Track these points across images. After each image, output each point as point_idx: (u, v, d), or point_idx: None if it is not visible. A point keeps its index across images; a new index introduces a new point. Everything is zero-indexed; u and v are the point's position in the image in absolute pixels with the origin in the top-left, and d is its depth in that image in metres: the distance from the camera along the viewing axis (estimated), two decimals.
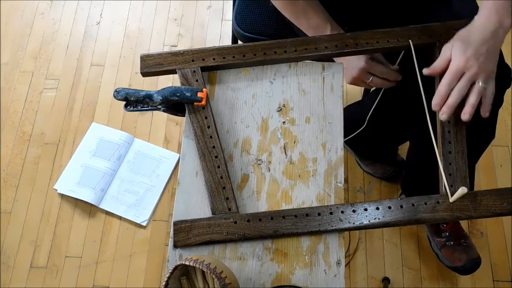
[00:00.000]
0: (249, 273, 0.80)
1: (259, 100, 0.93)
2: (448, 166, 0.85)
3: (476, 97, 0.84)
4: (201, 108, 0.90)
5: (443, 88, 0.85)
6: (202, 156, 0.86)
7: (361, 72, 1.03)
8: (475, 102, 0.83)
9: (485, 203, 0.82)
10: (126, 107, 0.92)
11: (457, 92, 0.84)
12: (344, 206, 0.83)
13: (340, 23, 1.02)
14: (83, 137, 1.80)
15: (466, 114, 0.83)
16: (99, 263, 1.61)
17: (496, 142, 1.62)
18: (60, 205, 1.70)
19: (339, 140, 0.89)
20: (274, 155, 0.89)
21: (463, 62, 0.84)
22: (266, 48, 0.95)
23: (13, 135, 1.83)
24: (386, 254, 1.57)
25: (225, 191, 0.84)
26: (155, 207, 1.68)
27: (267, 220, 0.82)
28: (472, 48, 0.84)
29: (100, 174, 1.71)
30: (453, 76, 0.84)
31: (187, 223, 0.82)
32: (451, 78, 0.84)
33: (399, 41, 0.95)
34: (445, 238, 1.44)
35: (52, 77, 1.94)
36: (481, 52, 0.84)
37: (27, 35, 2.04)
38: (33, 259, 1.63)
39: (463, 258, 1.41)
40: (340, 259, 0.80)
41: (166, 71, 0.96)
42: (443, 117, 0.84)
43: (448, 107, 0.84)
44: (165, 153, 1.77)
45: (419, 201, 0.83)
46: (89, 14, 2.08)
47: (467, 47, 0.85)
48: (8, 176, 1.76)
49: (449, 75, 0.85)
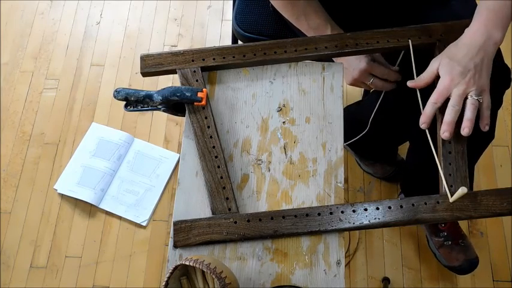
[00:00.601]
0: (249, 273, 0.80)
1: (259, 100, 0.93)
2: (448, 166, 0.85)
3: (471, 111, 0.83)
4: (201, 108, 0.90)
5: (428, 107, 0.85)
6: (202, 156, 0.86)
7: (361, 73, 1.03)
8: (471, 116, 0.83)
9: (485, 203, 0.82)
10: (126, 107, 0.92)
11: (450, 109, 0.83)
12: (344, 206, 0.83)
13: (340, 23, 1.02)
14: (83, 137, 1.80)
15: (465, 129, 0.83)
16: (99, 263, 1.61)
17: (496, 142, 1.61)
18: (60, 205, 1.70)
19: (339, 140, 0.89)
20: (274, 155, 0.89)
21: (449, 81, 0.84)
22: (266, 48, 0.95)
23: (13, 135, 1.84)
24: (386, 254, 1.57)
25: (225, 191, 0.84)
26: (155, 207, 1.68)
27: (267, 220, 0.82)
28: (458, 66, 0.84)
29: (100, 174, 1.71)
30: (439, 96, 0.85)
31: (187, 223, 0.82)
32: (437, 97, 0.85)
33: (399, 41, 0.95)
34: (443, 238, 1.44)
35: (52, 77, 1.94)
36: (469, 68, 0.84)
37: (27, 35, 2.04)
38: (33, 259, 1.63)
39: (460, 258, 1.41)
40: (340, 259, 0.80)
41: (166, 71, 0.96)
42: (445, 135, 0.84)
43: (447, 124, 0.83)
44: (165, 153, 1.77)
45: (419, 201, 0.83)
46: (89, 14, 2.08)
47: (453, 65, 0.85)
48: (8, 176, 1.76)
49: (435, 95, 0.85)
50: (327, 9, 1.03)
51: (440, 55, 0.88)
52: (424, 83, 0.89)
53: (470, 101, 0.83)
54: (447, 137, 0.84)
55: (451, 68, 0.85)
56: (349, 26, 1.00)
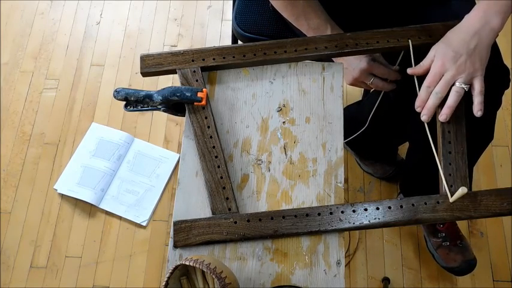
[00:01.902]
0: (249, 273, 0.80)
1: (259, 100, 0.93)
2: (448, 166, 0.85)
3: (453, 98, 0.85)
4: (201, 108, 0.90)
5: (422, 91, 0.87)
6: (202, 156, 0.86)
7: (362, 73, 1.03)
8: (452, 103, 0.85)
9: (485, 203, 0.82)
10: (126, 107, 0.92)
11: (433, 95, 0.86)
12: (344, 206, 0.83)
13: (340, 23, 1.02)
14: (83, 137, 1.80)
15: (442, 115, 0.86)
16: (99, 263, 1.61)
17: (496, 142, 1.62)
18: (60, 205, 1.70)
19: (339, 140, 0.89)
20: (274, 155, 0.89)
21: (440, 65, 0.86)
22: (266, 48, 0.95)
23: (13, 135, 1.83)
24: (386, 254, 1.57)
25: (225, 191, 0.84)
26: (155, 207, 1.68)
27: (267, 220, 0.82)
28: (450, 51, 0.86)
29: (100, 174, 1.71)
30: (432, 79, 0.87)
31: (187, 223, 0.82)
32: (430, 81, 0.87)
33: (399, 41, 0.95)
34: (441, 238, 1.44)
35: (52, 77, 1.94)
36: (461, 53, 0.85)
37: (27, 35, 2.04)
38: (33, 259, 1.63)
39: (458, 259, 1.41)
40: (340, 259, 0.80)
41: (166, 71, 0.96)
42: (424, 118, 0.87)
43: (427, 109, 0.86)
44: (165, 153, 1.77)
45: (419, 201, 0.83)
46: (89, 14, 2.08)
47: (447, 50, 0.86)
48: (8, 176, 1.76)
49: (428, 79, 0.87)
50: (327, 10, 1.03)
51: (438, 42, 0.90)
52: (423, 70, 0.90)
53: (455, 89, 0.85)
54: (425, 120, 0.87)
55: (445, 52, 0.86)
56: (349, 26, 1.00)
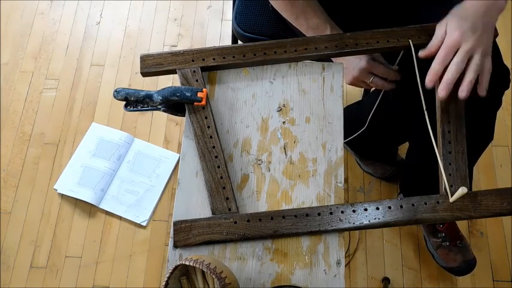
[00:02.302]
0: (249, 273, 0.80)
1: (259, 100, 0.93)
2: (448, 166, 0.85)
3: (474, 73, 0.79)
4: (201, 108, 0.90)
5: (437, 64, 0.81)
6: (202, 156, 0.86)
7: (362, 72, 1.03)
8: (472, 78, 0.79)
9: (485, 203, 0.82)
10: (126, 107, 0.92)
11: (454, 67, 0.79)
12: (344, 206, 0.83)
13: (339, 23, 1.02)
14: (83, 137, 1.80)
15: (463, 92, 0.79)
16: (99, 263, 1.61)
17: (496, 142, 1.62)
18: (60, 205, 1.70)
19: (339, 140, 0.89)
20: (274, 155, 0.89)
21: (459, 36, 0.79)
22: (266, 48, 0.95)
23: (13, 135, 1.84)
24: (386, 254, 1.57)
25: (225, 191, 0.84)
26: (155, 207, 1.68)
27: (267, 220, 0.82)
28: (468, 22, 0.80)
29: (100, 174, 1.71)
30: (448, 51, 0.80)
31: (187, 223, 0.82)
32: (446, 53, 0.80)
33: (399, 41, 0.95)
34: (441, 239, 1.44)
35: (52, 77, 1.94)
36: (478, 25, 0.80)
37: (27, 35, 2.04)
38: (33, 259, 1.63)
39: (458, 259, 1.41)
40: (340, 259, 0.80)
41: (166, 71, 0.96)
42: (442, 93, 0.80)
43: (446, 83, 0.79)
44: (165, 153, 1.77)
45: (419, 201, 0.83)
46: (89, 14, 2.08)
47: (463, 21, 0.81)
48: (8, 176, 1.76)
49: (444, 50, 0.81)
50: (327, 10, 1.03)
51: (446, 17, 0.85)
52: (436, 49, 0.83)
53: (474, 63, 0.79)
54: (443, 95, 0.80)
55: (461, 24, 0.80)
56: (349, 26, 1.00)
